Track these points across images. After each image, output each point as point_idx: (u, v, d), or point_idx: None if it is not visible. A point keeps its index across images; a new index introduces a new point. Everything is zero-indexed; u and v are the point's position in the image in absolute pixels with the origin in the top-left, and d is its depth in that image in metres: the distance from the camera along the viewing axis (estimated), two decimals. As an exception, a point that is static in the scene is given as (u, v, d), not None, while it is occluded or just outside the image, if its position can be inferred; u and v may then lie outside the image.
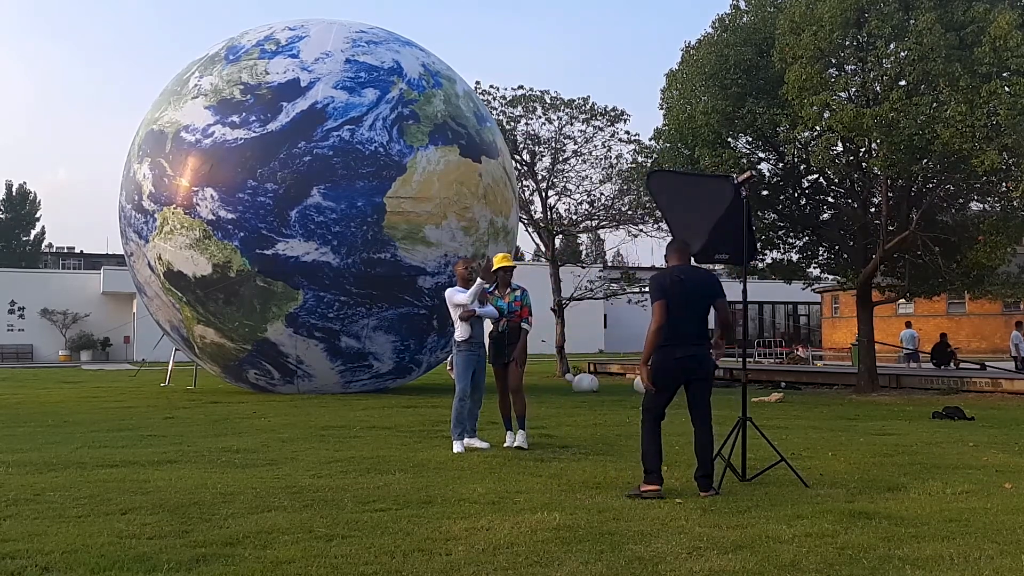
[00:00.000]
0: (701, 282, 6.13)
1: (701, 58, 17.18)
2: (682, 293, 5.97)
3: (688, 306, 5.99)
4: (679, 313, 5.94)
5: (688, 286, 6.01)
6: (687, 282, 6.03)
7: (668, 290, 5.96)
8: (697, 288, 6.06)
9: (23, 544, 4.41)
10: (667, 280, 6.03)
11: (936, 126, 14.12)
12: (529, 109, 22.99)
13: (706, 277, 6.23)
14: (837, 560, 4.20)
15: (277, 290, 13.79)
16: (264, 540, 4.53)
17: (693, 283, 6.06)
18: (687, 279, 6.05)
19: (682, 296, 5.97)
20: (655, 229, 23.83)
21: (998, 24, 13.89)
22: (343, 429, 9.78)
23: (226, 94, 14.32)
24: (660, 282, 6.05)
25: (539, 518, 5.09)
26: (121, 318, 37.83)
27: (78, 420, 10.97)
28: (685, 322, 5.96)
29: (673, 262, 6.20)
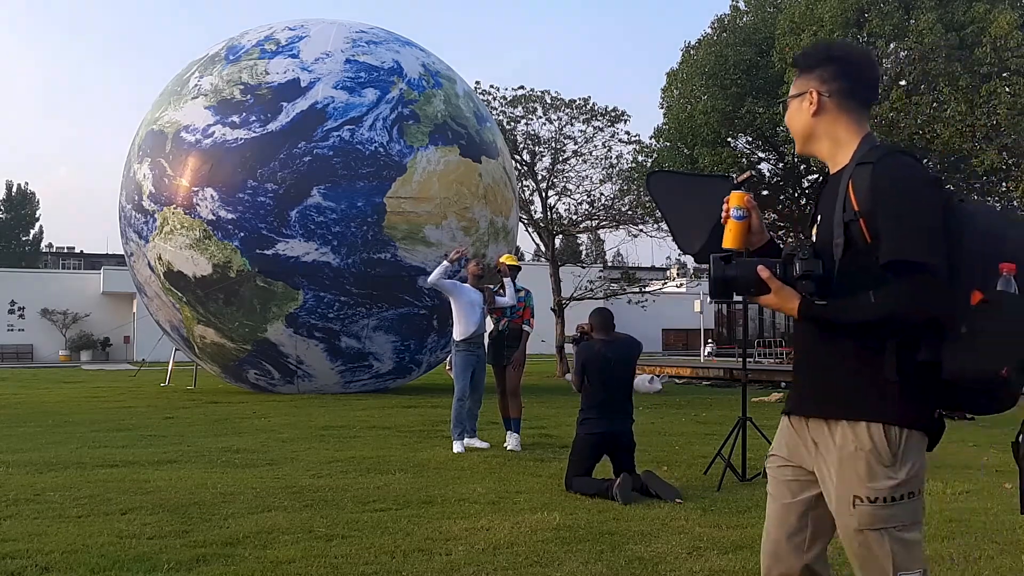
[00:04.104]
0: (623, 355, 6.24)
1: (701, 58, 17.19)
2: (604, 369, 6.10)
3: (608, 381, 6.12)
4: (599, 387, 6.09)
5: (610, 361, 6.14)
6: (609, 357, 6.15)
7: (588, 366, 6.12)
8: (619, 361, 6.18)
9: (23, 544, 4.41)
10: (590, 354, 6.17)
11: (936, 126, 14.13)
12: (529, 109, 22.98)
13: (626, 350, 6.31)
14: (837, 560, 4.19)
15: (277, 290, 13.79)
16: (264, 540, 4.53)
17: (616, 356, 6.18)
18: (611, 355, 6.16)
19: (604, 372, 6.11)
20: (655, 229, 23.81)
21: (998, 24, 13.89)
22: (343, 429, 9.78)
23: (226, 94, 14.32)
24: (583, 356, 6.19)
25: (539, 518, 5.09)
26: (121, 318, 37.83)
27: (78, 420, 10.96)
28: (606, 395, 6.09)
29: (598, 335, 6.28)
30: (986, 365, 1.93)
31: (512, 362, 8.47)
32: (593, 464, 6.08)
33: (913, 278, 1.95)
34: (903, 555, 2.03)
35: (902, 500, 2.02)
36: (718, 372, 20.33)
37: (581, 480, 5.93)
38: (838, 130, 2.20)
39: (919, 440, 2.05)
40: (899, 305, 1.97)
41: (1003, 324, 1.93)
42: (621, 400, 6.14)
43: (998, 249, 2.00)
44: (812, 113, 2.22)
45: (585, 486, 5.86)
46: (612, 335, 6.32)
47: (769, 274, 2.10)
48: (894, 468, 2.02)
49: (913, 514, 2.05)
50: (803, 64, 2.28)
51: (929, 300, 1.96)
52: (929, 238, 1.97)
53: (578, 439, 6.15)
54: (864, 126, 2.21)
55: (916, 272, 1.95)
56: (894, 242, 1.98)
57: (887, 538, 2.03)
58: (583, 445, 6.09)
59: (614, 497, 5.57)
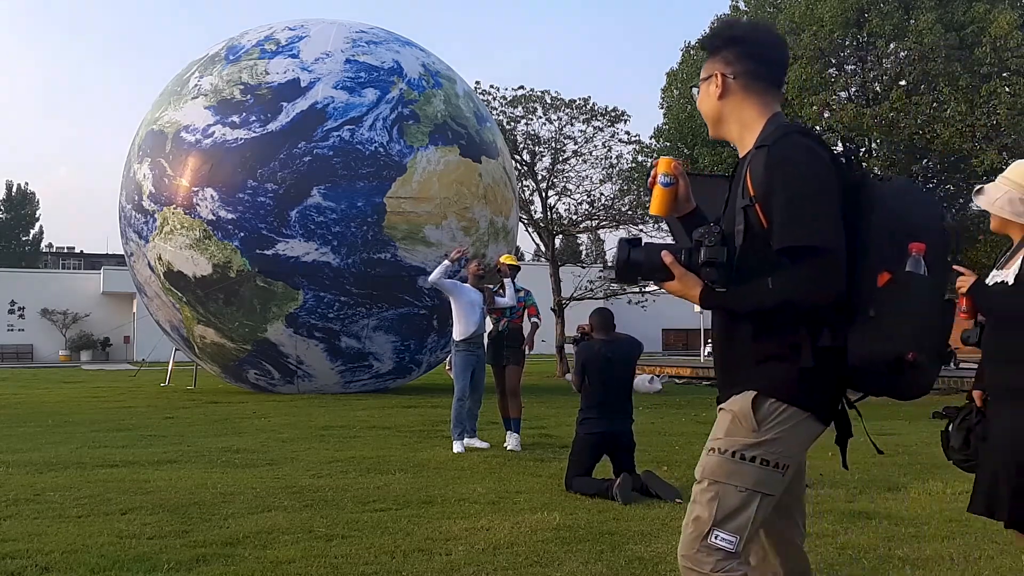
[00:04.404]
0: (623, 355, 6.24)
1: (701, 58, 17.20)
2: (604, 369, 6.11)
3: (608, 381, 6.12)
4: (599, 387, 6.10)
5: (610, 361, 6.15)
6: (609, 357, 6.15)
7: (588, 366, 6.13)
8: (619, 361, 6.19)
9: (23, 544, 4.40)
10: (590, 354, 6.17)
11: (936, 126, 14.14)
12: (529, 109, 22.97)
13: (626, 350, 6.32)
14: (837, 560, 4.20)
15: (277, 290, 13.79)
16: (264, 540, 4.53)
17: (616, 356, 6.18)
18: (611, 355, 6.16)
19: (604, 372, 6.11)
20: (655, 229, 23.80)
21: (998, 24, 13.90)
22: (343, 429, 9.78)
23: (226, 94, 14.32)
24: (583, 356, 6.20)
25: (539, 518, 5.09)
26: (121, 318, 37.81)
27: (78, 420, 10.96)
28: (606, 395, 6.10)
29: (598, 335, 6.29)
30: (891, 348, 1.89)
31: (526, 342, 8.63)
32: (593, 464, 6.08)
33: (807, 263, 1.91)
34: (726, 514, 1.97)
35: (751, 462, 1.98)
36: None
37: (581, 480, 5.93)
38: (744, 113, 2.16)
39: (798, 419, 2.00)
40: (794, 291, 1.93)
41: (910, 306, 1.90)
42: (621, 400, 6.14)
43: (906, 228, 1.96)
44: (718, 96, 2.17)
45: (585, 486, 5.86)
46: (612, 335, 6.32)
47: (672, 260, 2.07)
48: (756, 432, 1.99)
49: (758, 482, 1.98)
50: (709, 46, 2.22)
51: (824, 284, 1.92)
52: (820, 222, 1.92)
53: (578, 439, 6.15)
54: (772, 107, 2.16)
55: (809, 257, 1.91)
56: (785, 228, 1.94)
57: (720, 491, 1.99)
58: (583, 445, 6.08)
59: (614, 497, 5.57)
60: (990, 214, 3.27)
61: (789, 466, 2.02)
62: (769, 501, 2.01)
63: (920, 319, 1.91)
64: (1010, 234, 3.30)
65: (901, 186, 2.09)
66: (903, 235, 1.94)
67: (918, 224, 1.98)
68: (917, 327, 1.91)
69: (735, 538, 1.97)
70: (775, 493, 2.02)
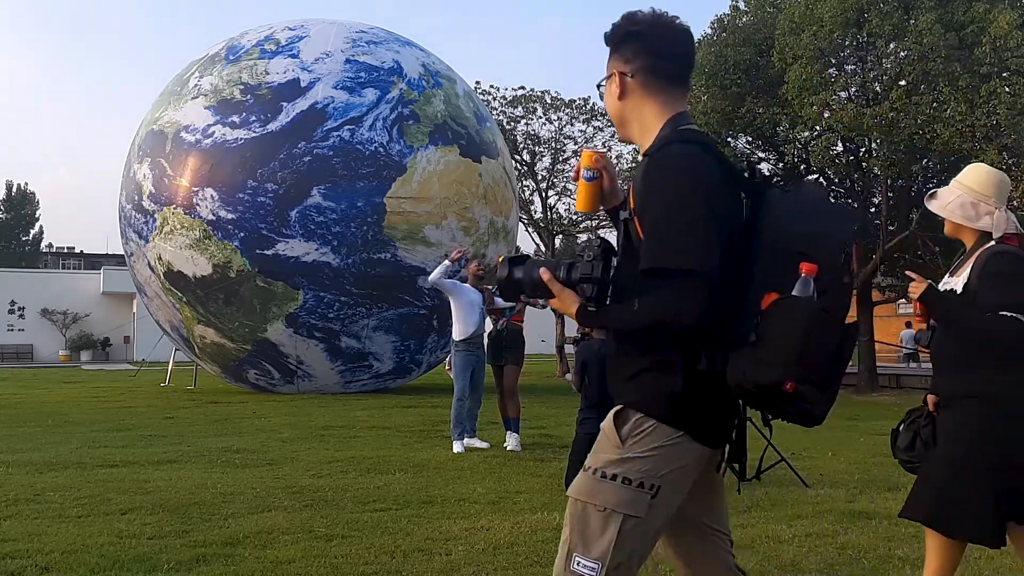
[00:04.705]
0: None
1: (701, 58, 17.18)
2: (604, 369, 6.10)
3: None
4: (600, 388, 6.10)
5: None
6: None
7: (588, 365, 6.16)
8: None
9: (23, 544, 4.40)
10: (590, 354, 6.19)
11: (936, 126, 14.13)
12: (529, 109, 23.00)
13: None
14: (837, 560, 4.20)
15: (277, 290, 13.79)
16: (264, 540, 4.53)
17: None
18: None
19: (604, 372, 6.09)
20: (655, 229, 23.80)
21: (998, 24, 13.89)
22: (343, 429, 9.77)
23: (226, 94, 14.32)
24: (583, 356, 6.24)
25: (539, 518, 5.09)
26: (121, 318, 37.79)
27: (78, 420, 10.96)
28: (606, 395, 6.07)
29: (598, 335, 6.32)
30: (768, 376, 1.74)
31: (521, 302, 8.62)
32: None
33: (672, 286, 1.78)
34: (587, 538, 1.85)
35: (612, 480, 1.85)
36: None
37: None
38: (644, 113, 2.01)
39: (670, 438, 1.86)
40: (658, 314, 1.81)
41: (792, 332, 1.73)
42: None
43: (797, 246, 1.80)
44: (618, 96, 2.03)
45: None
46: None
47: (550, 277, 1.96)
48: (619, 449, 1.87)
49: (619, 503, 1.84)
50: (609, 42, 2.06)
51: (688, 309, 1.78)
52: (688, 242, 1.78)
53: (578, 439, 6.15)
54: (673, 106, 2.00)
55: (675, 279, 1.78)
56: (651, 248, 1.83)
57: (583, 512, 1.87)
58: (583, 445, 6.08)
59: None
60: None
61: (660, 487, 1.85)
62: (637, 524, 1.85)
63: (803, 347, 1.73)
64: (963, 239, 3.28)
65: (799, 198, 1.90)
66: (794, 254, 1.78)
67: (811, 242, 1.81)
68: (799, 355, 1.73)
69: (596, 565, 1.83)
70: (641, 515, 1.85)
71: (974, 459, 3.05)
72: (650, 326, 1.85)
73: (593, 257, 1.94)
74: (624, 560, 1.85)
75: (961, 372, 3.10)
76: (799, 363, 1.73)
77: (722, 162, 1.92)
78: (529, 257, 2.07)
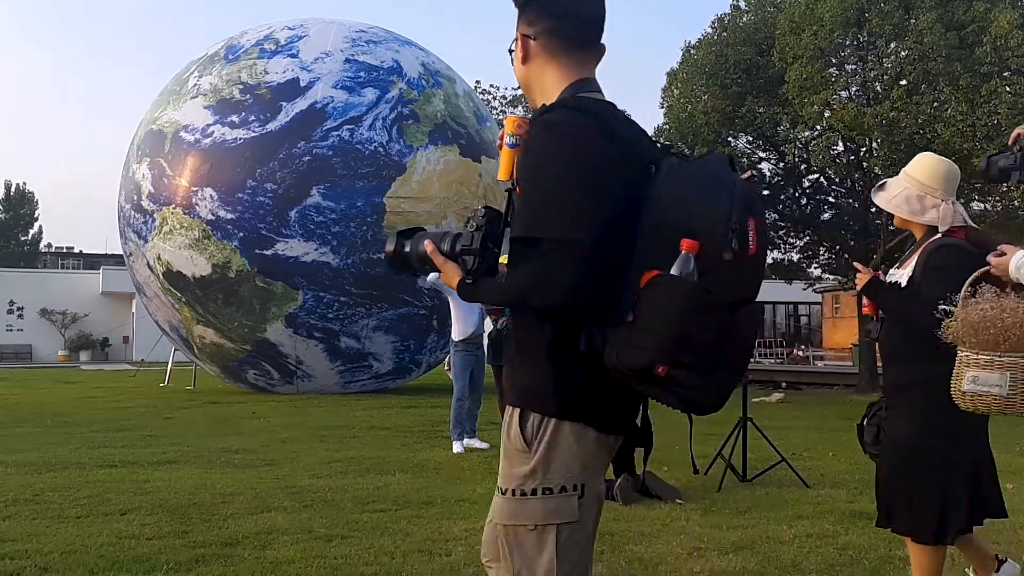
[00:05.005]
0: None
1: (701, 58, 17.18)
2: None
3: None
4: None
5: None
6: None
7: None
8: None
9: (22, 544, 4.39)
10: None
11: (937, 125, 14.13)
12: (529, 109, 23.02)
13: None
14: (838, 561, 4.19)
15: (276, 290, 13.77)
16: (264, 540, 4.52)
17: None
18: None
19: None
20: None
21: (999, 24, 13.89)
22: (343, 429, 9.76)
23: (225, 94, 14.31)
24: None
25: (539, 518, 5.07)
26: (120, 318, 37.79)
27: (77, 420, 10.95)
28: None
29: None
30: (640, 358, 1.63)
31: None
32: None
33: (540, 256, 1.66)
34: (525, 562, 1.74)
35: (533, 496, 1.74)
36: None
37: None
38: (545, 79, 1.90)
39: (572, 431, 1.75)
40: (526, 286, 1.69)
41: (666, 313, 1.62)
42: None
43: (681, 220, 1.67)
44: (522, 60, 1.93)
45: None
46: None
47: (433, 249, 1.86)
48: (527, 457, 1.75)
49: (548, 514, 1.74)
50: (516, 4, 1.95)
51: (555, 282, 1.66)
52: (561, 210, 1.67)
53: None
54: (577, 71, 1.88)
55: (543, 250, 1.66)
56: (522, 215, 1.73)
57: (513, 536, 1.76)
58: None
59: (614, 497, 5.56)
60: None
61: (585, 484, 1.77)
62: (573, 528, 1.75)
63: (677, 329, 1.61)
64: (913, 231, 3.29)
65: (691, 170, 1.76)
66: (677, 229, 1.66)
67: (698, 216, 1.67)
68: (671, 338, 1.61)
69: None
70: (575, 519, 1.75)
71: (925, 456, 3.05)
72: (517, 299, 1.75)
73: (476, 227, 1.83)
74: (571, 570, 1.76)
75: (908, 363, 3.09)
76: (672, 346, 1.62)
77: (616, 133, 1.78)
78: (420, 230, 1.99)
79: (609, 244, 1.70)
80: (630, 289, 1.68)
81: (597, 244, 1.68)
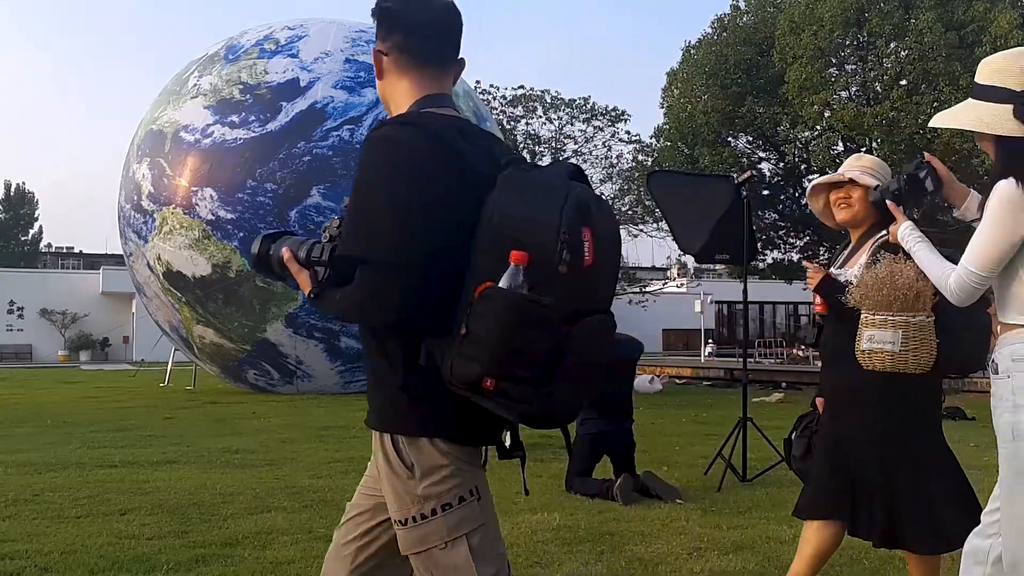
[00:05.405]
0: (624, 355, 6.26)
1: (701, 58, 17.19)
2: None
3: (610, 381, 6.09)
4: None
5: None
6: None
7: None
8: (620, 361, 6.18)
9: (22, 544, 4.39)
10: None
11: (936, 125, 14.12)
12: (529, 109, 23.00)
13: (627, 351, 6.32)
14: (838, 560, 4.18)
15: (276, 290, 13.77)
16: (263, 541, 4.52)
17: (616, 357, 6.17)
18: None
19: None
20: (655, 229, 23.83)
21: (998, 23, 13.89)
22: (343, 429, 9.76)
23: (225, 94, 14.31)
24: None
25: (539, 518, 5.07)
26: (120, 318, 37.79)
27: (77, 420, 10.94)
28: (607, 396, 6.06)
29: None
30: (467, 372, 1.62)
31: None
32: (593, 464, 6.06)
33: (362, 276, 1.70)
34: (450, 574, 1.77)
35: (434, 516, 1.77)
36: (718, 372, 20.33)
37: (581, 480, 5.92)
38: (397, 94, 1.93)
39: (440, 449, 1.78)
40: (349, 304, 1.74)
41: (493, 326, 1.60)
42: (621, 400, 6.13)
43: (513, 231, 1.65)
44: (377, 76, 1.96)
45: (585, 486, 5.85)
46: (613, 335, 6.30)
47: (290, 256, 1.86)
48: (413, 483, 1.79)
49: (454, 528, 1.77)
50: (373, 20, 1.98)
51: (375, 302, 1.70)
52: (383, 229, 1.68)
53: (578, 439, 6.14)
54: (427, 87, 1.91)
55: (364, 270, 1.70)
56: (346, 233, 1.76)
57: (428, 561, 1.80)
58: (583, 445, 6.07)
59: (614, 497, 5.56)
60: None
61: (477, 486, 1.81)
62: (479, 529, 1.80)
63: (503, 341, 1.59)
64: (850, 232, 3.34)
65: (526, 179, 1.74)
66: (508, 241, 1.64)
67: (530, 227, 1.65)
68: (499, 350, 1.59)
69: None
70: (480, 521, 1.80)
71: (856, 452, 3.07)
72: (350, 317, 1.80)
73: (329, 239, 1.84)
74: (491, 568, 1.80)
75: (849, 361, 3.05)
76: (500, 359, 1.60)
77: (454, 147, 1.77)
78: (285, 233, 1.97)
79: (444, 258, 1.69)
80: (466, 302, 1.66)
81: (427, 260, 1.69)
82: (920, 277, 2.54)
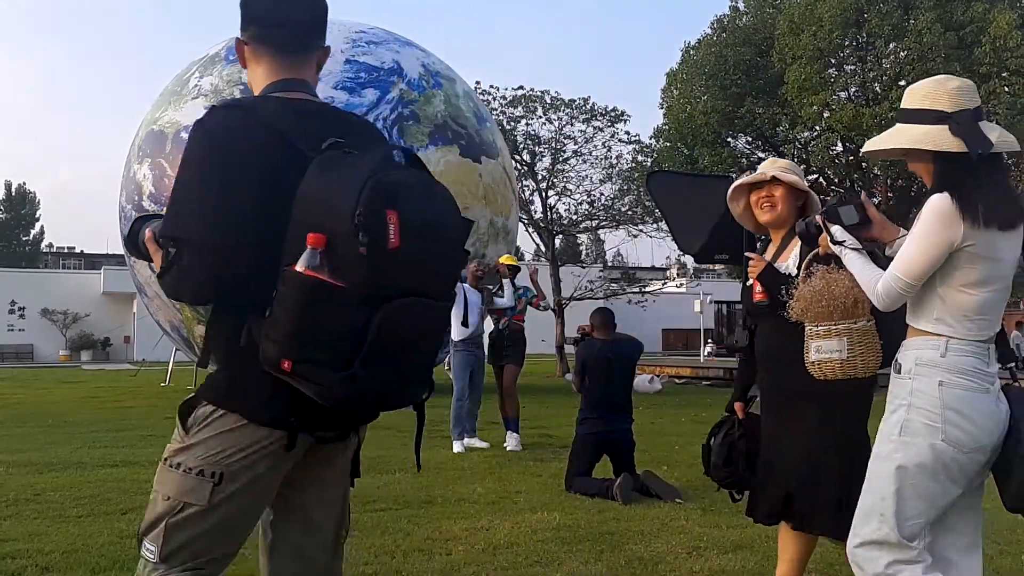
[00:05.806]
0: (623, 355, 6.29)
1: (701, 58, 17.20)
2: (604, 369, 6.14)
3: (608, 381, 6.14)
4: (600, 387, 6.11)
5: (611, 361, 6.17)
6: (610, 357, 6.18)
7: (588, 365, 6.15)
8: (620, 361, 6.22)
9: (23, 544, 4.41)
10: (591, 354, 6.19)
11: (936, 126, 14.14)
12: (529, 109, 22.98)
13: (626, 351, 6.36)
14: (837, 560, 4.20)
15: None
16: (264, 540, 4.53)
17: (616, 356, 6.21)
18: (611, 355, 6.18)
19: (604, 372, 6.14)
20: (655, 229, 23.83)
21: (998, 24, 13.91)
22: (343, 429, 9.77)
23: (226, 94, 14.31)
24: (583, 356, 6.24)
25: (539, 518, 5.09)
26: (121, 318, 37.81)
27: (78, 420, 10.96)
28: (606, 395, 6.12)
29: (599, 335, 6.31)
30: (270, 353, 1.65)
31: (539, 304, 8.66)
32: (593, 464, 6.08)
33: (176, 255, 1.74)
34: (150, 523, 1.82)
35: (176, 469, 1.82)
36: (718, 372, 20.33)
37: (581, 480, 5.94)
38: (255, 82, 2.00)
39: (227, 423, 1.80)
40: (172, 284, 1.78)
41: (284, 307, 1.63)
42: (621, 400, 6.15)
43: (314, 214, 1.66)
44: (242, 65, 2.02)
45: (585, 486, 5.87)
46: (613, 335, 6.33)
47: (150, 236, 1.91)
48: (184, 437, 1.86)
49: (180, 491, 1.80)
50: None
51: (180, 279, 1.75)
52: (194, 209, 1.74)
53: (578, 439, 6.15)
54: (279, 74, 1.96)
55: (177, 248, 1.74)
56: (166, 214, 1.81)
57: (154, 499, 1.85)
58: (583, 445, 6.09)
59: (614, 497, 5.58)
60: None
61: (223, 474, 1.79)
62: (200, 513, 1.79)
63: (295, 323, 1.62)
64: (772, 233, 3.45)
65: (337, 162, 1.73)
66: (309, 224, 1.65)
67: (327, 210, 1.65)
68: (292, 332, 1.62)
69: (155, 547, 1.80)
70: (202, 504, 1.79)
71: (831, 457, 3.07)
72: (171, 295, 1.83)
73: None
74: (177, 549, 1.80)
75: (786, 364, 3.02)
76: (293, 340, 1.62)
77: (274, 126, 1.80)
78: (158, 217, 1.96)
79: (266, 240, 1.71)
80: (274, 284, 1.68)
81: (241, 241, 1.72)
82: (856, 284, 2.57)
